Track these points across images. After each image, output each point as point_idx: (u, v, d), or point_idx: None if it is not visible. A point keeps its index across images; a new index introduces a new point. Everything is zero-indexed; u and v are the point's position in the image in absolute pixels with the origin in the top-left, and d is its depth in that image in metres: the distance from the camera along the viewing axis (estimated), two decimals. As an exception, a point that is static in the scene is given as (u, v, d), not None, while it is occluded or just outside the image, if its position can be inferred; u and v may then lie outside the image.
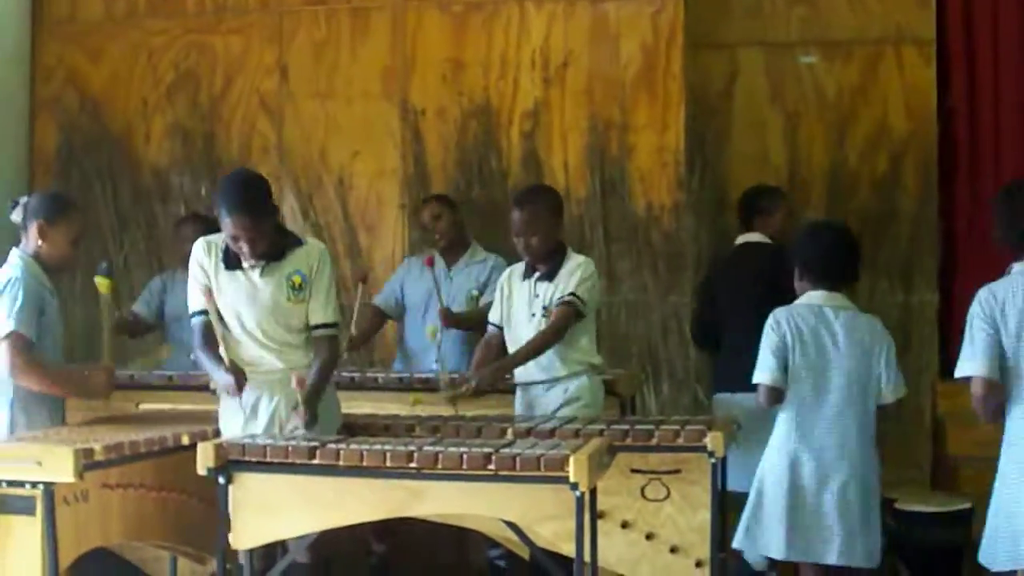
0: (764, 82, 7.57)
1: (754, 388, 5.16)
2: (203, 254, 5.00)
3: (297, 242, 5.06)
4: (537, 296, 5.49)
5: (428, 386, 5.89)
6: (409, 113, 7.52)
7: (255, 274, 4.94)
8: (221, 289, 4.96)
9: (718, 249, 7.10)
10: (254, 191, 4.95)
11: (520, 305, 5.55)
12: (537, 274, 5.53)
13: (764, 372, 5.04)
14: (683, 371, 7.11)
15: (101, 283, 5.45)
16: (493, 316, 5.70)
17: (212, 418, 5.30)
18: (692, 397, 7.05)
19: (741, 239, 6.57)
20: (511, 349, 5.55)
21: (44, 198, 5.44)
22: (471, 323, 6.57)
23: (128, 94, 7.97)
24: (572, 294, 5.39)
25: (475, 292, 6.84)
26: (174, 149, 7.86)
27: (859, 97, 7.48)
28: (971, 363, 4.62)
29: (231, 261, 4.96)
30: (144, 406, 5.99)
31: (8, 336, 4.95)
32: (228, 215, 4.83)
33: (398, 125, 7.54)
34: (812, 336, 5.03)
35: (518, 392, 5.56)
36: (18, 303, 4.99)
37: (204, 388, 5.94)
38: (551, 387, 5.46)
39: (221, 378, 4.86)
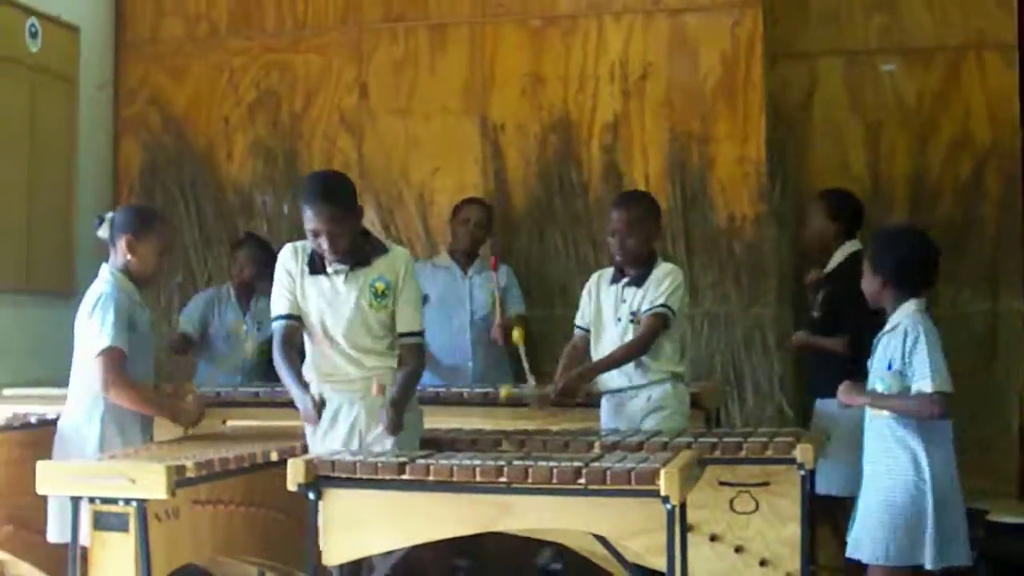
0: (844, 91, 7.54)
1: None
2: (290, 258, 5.00)
3: (383, 249, 5.04)
4: (624, 301, 5.47)
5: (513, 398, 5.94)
6: (489, 128, 7.54)
7: (339, 279, 4.93)
8: (305, 294, 4.96)
9: (805, 259, 7.02)
10: (335, 184, 5.00)
11: (607, 309, 5.53)
12: (625, 279, 5.50)
13: (947, 380, 4.77)
14: (767, 382, 7.05)
15: None
16: (579, 319, 5.69)
17: (299, 434, 5.33)
18: (776, 408, 7.00)
19: (854, 248, 6.50)
20: (595, 352, 5.56)
21: (129, 212, 5.51)
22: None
23: (210, 113, 8.06)
24: (664, 305, 5.37)
25: (496, 293, 7.02)
26: (256, 167, 7.93)
27: (940, 104, 7.42)
28: None
29: (316, 266, 4.95)
30: (231, 423, 6.02)
31: (103, 352, 5.03)
32: (309, 207, 4.83)
33: (478, 140, 7.56)
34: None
35: (604, 400, 5.55)
36: (110, 318, 5.07)
37: (289, 404, 5.96)
38: (635, 395, 5.44)
39: (300, 402, 4.86)
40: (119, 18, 8.20)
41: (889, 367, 4.85)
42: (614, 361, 5.40)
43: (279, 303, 5.00)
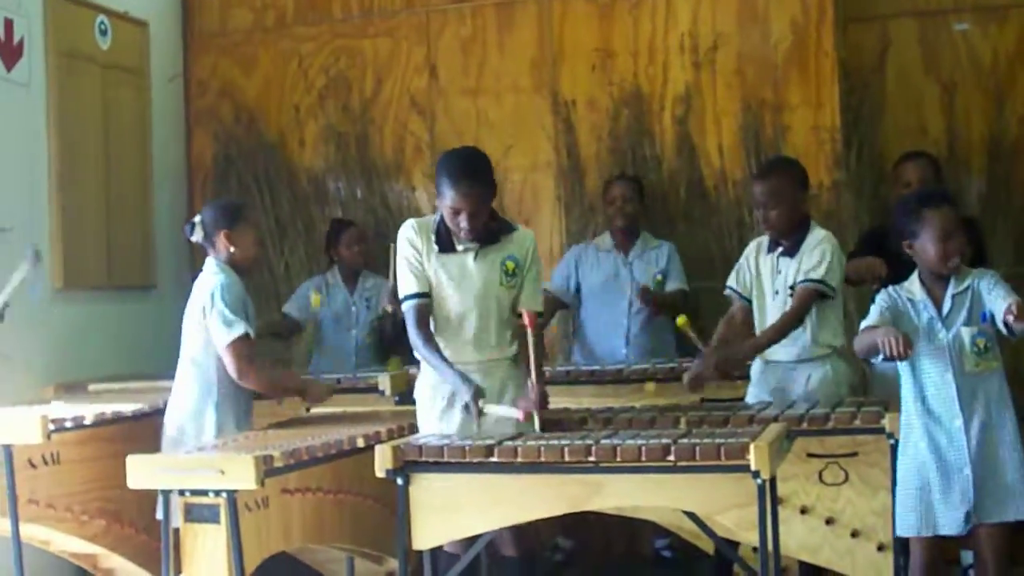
0: (918, 53, 7.41)
1: None
2: (415, 236, 4.93)
3: (509, 227, 5.00)
4: (779, 272, 5.39)
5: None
6: (560, 105, 7.50)
7: (468, 258, 4.89)
8: (434, 272, 4.90)
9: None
10: (478, 162, 4.93)
11: (766, 280, 5.46)
12: (780, 249, 5.41)
13: None
14: (850, 351, 6.96)
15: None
16: (733, 282, 5.60)
17: (381, 419, 5.39)
18: (860, 376, 6.91)
19: None
20: (760, 324, 5.46)
21: (217, 209, 5.56)
22: (668, 306, 6.59)
23: (281, 101, 8.08)
24: (816, 279, 5.25)
25: (659, 277, 6.88)
26: (328, 153, 7.94)
27: (1017, 62, 7.27)
28: None
29: (444, 244, 4.89)
30: (314, 410, 6.05)
31: (233, 343, 5.15)
32: (453, 185, 4.76)
33: (549, 117, 7.52)
34: None
35: (759, 370, 5.49)
36: (232, 309, 5.21)
37: (371, 390, 6.04)
38: (796, 368, 5.38)
39: (457, 386, 4.72)
40: (186, 11, 8.25)
41: (985, 318, 4.62)
42: (771, 339, 5.28)
43: (408, 282, 4.91)
